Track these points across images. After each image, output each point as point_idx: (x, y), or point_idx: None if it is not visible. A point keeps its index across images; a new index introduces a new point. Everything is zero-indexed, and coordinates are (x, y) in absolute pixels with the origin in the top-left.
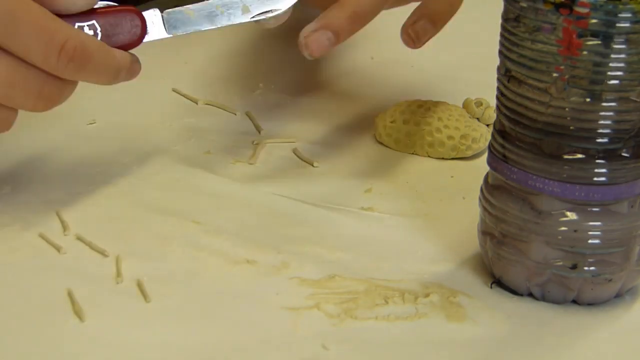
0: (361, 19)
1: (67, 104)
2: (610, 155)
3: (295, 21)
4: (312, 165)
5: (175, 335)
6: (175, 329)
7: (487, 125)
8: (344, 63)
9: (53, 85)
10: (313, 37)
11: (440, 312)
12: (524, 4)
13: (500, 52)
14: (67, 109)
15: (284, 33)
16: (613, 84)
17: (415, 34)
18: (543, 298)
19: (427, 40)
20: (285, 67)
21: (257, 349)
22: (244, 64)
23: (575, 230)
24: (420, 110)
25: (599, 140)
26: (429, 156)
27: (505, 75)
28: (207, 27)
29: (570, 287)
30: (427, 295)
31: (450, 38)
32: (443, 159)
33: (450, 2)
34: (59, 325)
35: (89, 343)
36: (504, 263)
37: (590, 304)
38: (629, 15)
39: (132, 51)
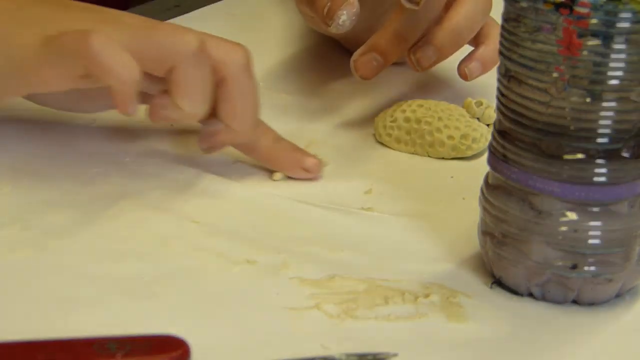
0: (405, 40)
1: None
2: (610, 155)
3: (295, 19)
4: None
5: (175, 335)
6: (175, 329)
7: (487, 125)
8: (344, 62)
9: None
10: (361, 60)
11: (440, 312)
12: (524, 4)
13: (500, 52)
14: None
15: (283, 32)
16: (613, 84)
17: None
18: (543, 298)
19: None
20: (284, 67)
21: (257, 349)
22: None
23: (575, 231)
24: (420, 110)
25: (599, 140)
26: (429, 156)
27: (505, 75)
28: None
29: (571, 287)
30: (427, 295)
31: None
32: (443, 159)
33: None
34: (60, 325)
35: None
36: (504, 263)
37: (591, 304)
38: (629, 15)
39: None
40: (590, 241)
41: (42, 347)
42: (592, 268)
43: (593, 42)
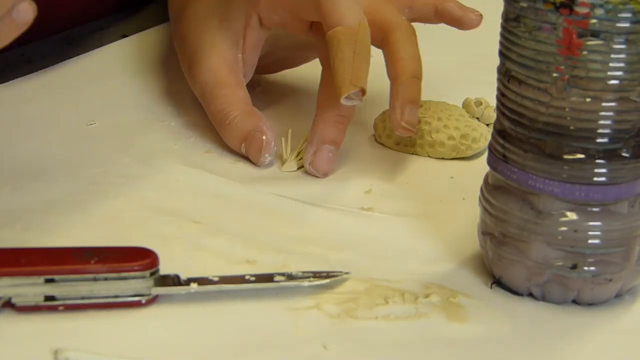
0: (346, 120)
1: (67, 104)
2: (610, 155)
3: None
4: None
5: (175, 335)
6: (175, 330)
7: (487, 124)
8: None
9: None
10: (319, 158)
11: (441, 312)
12: (524, 4)
13: (500, 52)
14: (67, 109)
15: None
16: (613, 84)
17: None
18: (543, 298)
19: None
20: None
21: (258, 349)
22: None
23: (575, 230)
24: (420, 110)
25: (599, 140)
26: (429, 156)
27: (505, 75)
28: None
29: (570, 287)
30: (427, 296)
31: (450, 38)
32: (443, 159)
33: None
34: (59, 326)
35: (89, 343)
36: (504, 263)
37: (590, 304)
38: (629, 15)
39: None
40: (590, 241)
41: (25, 253)
42: (592, 268)
43: (593, 42)
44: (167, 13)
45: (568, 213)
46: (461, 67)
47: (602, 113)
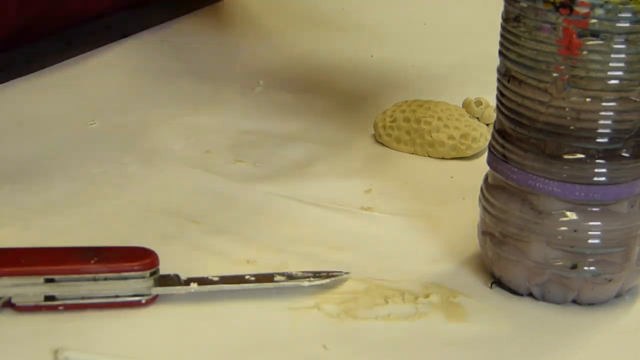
0: None
1: (67, 104)
2: (610, 155)
3: (294, 20)
4: None
5: (175, 335)
6: (175, 330)
7: (487, 124)
8: (345, 62)
9: None
10: None
11: (440, 312)
12: (524, 4)
13: (500, 52)
14: (67, 109)
15: (284, 32)
16: (613, 84)
17: None
18: (543, 298)
19: None
20: (285, 66)
21: (257, 349)
22: (245, 61)
23: (575, 230)
24: (420, 110)
25: (599, 140)
26: (429, 156)
27: (505, 75)
28: None
29: (570, 287)
30: (427, 296)
31: (450, 38)
32: (443, 159)
33: None
34: (59, 326)
35: (89, 343)
36: (504, 263)
37: (590, 304)
38: (629, 15)
39: None
40: (590, 241)
41: (25, 253)
42: (592, 268)
43: (593, 42)
44: (167, 13)
45: (568, 213)
46: (461, 67)
47: (602, 113)
